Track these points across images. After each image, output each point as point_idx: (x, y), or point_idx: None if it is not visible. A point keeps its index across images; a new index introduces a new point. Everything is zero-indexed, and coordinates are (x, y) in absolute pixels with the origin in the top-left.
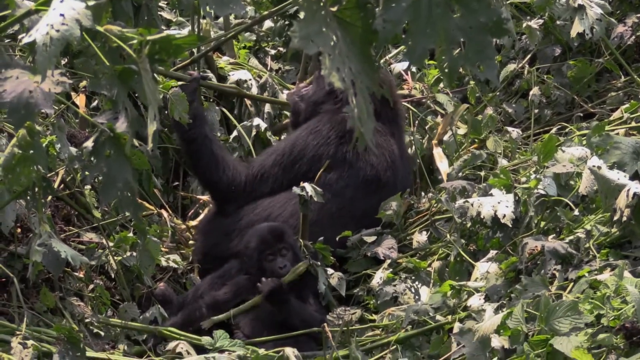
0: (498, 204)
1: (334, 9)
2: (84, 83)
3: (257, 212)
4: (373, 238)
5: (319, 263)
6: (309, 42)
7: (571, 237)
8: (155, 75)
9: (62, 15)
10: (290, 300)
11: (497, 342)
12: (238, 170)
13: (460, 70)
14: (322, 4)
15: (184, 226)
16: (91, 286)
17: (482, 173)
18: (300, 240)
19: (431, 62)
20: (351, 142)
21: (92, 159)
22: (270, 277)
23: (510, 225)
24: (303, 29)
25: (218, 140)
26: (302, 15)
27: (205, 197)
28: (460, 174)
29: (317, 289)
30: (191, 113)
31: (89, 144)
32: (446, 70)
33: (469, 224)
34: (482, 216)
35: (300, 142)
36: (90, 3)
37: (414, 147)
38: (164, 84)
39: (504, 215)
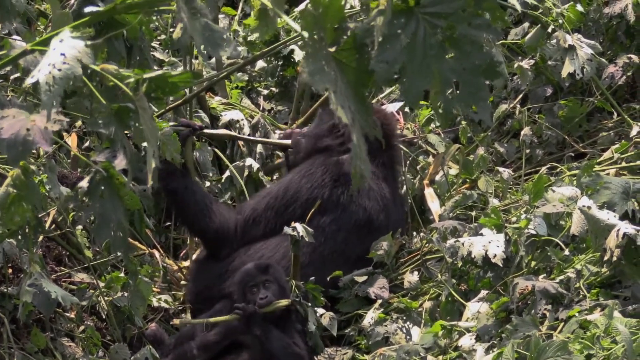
0: (489, 244)
1: (332, 49)
2: (79, 123)
3: (249, 254)
4: (364, 278)
5: (309, 304)
6: (315, 78)
7: (562, 277)
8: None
9: (62, 54)
10: (270, 329)
11: None
12: (225, 216)
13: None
14: (323, 43)
15: (176, 266)
16: (82, 327)
17: (473, 213)
18: (292, 281)
19: (422, 102)
20: (345, 185)
21: (86, 199)
22: None
23: (501, 265)
24: (309, 66)
25: (201, 189)
26: (305, 53)
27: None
28: (451, 214)
29: (303, 329)
30: (166, 168)
31: (84, 184)
32: (440, 111)
33: (460, 264)
34: (473, 256)
35: (293, 185)
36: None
37: (405, 187)
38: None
39: (495, 255)
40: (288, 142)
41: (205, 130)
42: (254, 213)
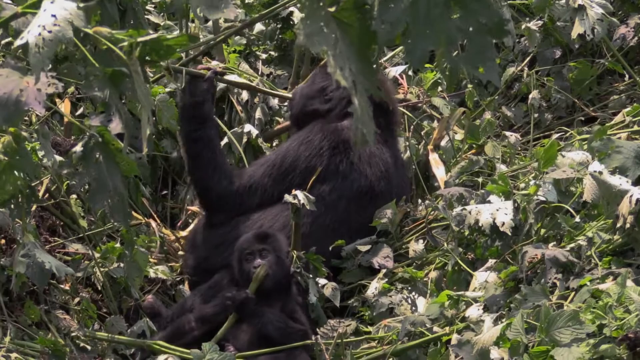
0: (496, 211)
1: (332, 9)
2: (71, 89)
3: (248, 224)
4: (368, 247)
5: (310, 275)
6: (312, 40)
7: (572, 245)
8: (148, 79)
9: (53, 16)
10: (264, 313)
11: (496, 354)
12: (232, 181)
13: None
14: (321, 4)
15: (173, 236)
16: (77, 299)
17: (480, 179)
18: (293, 251)
19: (427, 65)
20: (344, 153)
21: (80, 165)
22: (246, 279)
23: (510, 233)
24: (306, 27)
25: (220, 146)
26: (303, 13)
27: (195, 208)
28: (457, 181)
29: (304, 301)
30: (200, 114)
31: (78, 148)
32: (447, 72)
33: (466, 232)
34: (480, 224)
35: (291, 153)
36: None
37: (409, 153)
38: (152, 90)
39: (503, 223)
40: (289, 95)
41: (225, 77)
42: (251, 180)
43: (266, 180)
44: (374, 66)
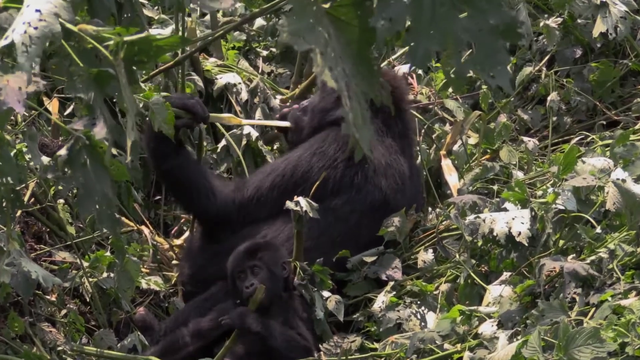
0: (512, 220)
1: (327, 5)
2: (61, 87)
3: (251, 234)
4: (374, 258)
5: (315, 288)
6: (298, 38)
7: (593, 258)
8: (137, 80)
9: (38, 11)
10: (270, 324)
11: None
12: (225, 195)
13: (471, 73)
14: None
15: (166, 245)
16: (64, 311)
17: (495, 187)
18: (295, 262)
19: (438, 64)
20: (360, 164)
21: (66, 169)
22: (241, 298)
23: (526, 244)
24: (292, 24)
25: (198, 167)
26: (291, 8)
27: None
28: (470, 188)
29: (309, 316)
30: (162, 148)
31: (63, 152)
32: (453, 76)
33: (480, 242)
34: (495, 233)
35: (303, 163)
36: None
37: (420, 158)
38: (145, 93)
39: (519, 233)
40: (287, 123)
41: (211, 115)
42: (257, 192)
43: (274, 192)
44: (375, 68)
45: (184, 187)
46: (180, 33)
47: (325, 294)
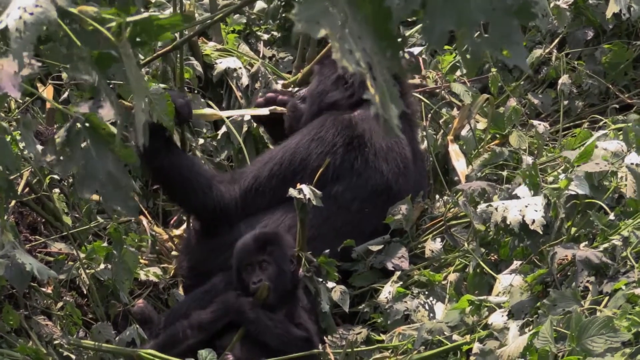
0: (526, 208)
1: None
2: (64, 75)
3: (251, 225)
4: (380, 247)
5: (321, 279)
6: (314, 25)
7: (606, 245)
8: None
9: None
10: (259, 318)
11: None
12: (221, 188)
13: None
14: None
15: (165, 235)
16: (60, 303)
17: (505, 173)
18: (299, 252)
19: (446, 47)
20: (359, 148)
21: (66, 149)
22: (246, 291)
23: (541, 232)
24: (306, 11)
25: (191, 161)
26: None
27: None
28: (479, 174)
29: (311, 305)
30: (150, 146)
31: (61, 133)
32: (468, 56)
33: (492, 232)
34: (508, 222)
35: (301, 150)
36: None
37: (426, 143)
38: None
39: (533, 221)
40: (265, 111)
41: (195, 112)
42: (255, 182)
43: (273, 181)
44: (398, 40)
45: (178, 184)
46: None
47: (330, 284)
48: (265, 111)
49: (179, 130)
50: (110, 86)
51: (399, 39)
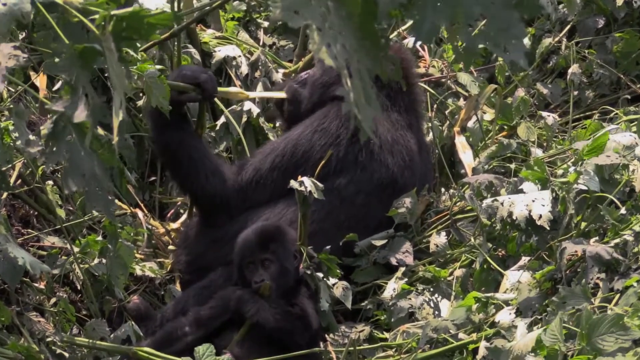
0: (532, 203)
1: None
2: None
3: (252, 219)
4: (384, 242)
5: (321, 275)
6: (292, 14)
7: (617, 240)
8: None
9: None
10: (255, 300)
11: None
12: (225, 176)
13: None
14: None
15: (162, 229)
16: (53, 299)
17: (513, 166)
18: (300, 246)
19: None
20: (365, 141)
21: (51, 143)
22: (245, 285)
23: (548, 227)
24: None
25: (200, 145)
26: None
27: None
28: (486, 167)
29: (312, 297)
30: (163, 118)
31: (47, 124)
32: (462, 52)
33: (498, 226)
34: (514, 217)
35: (304, 141)
36: None
37: (432, 135)
38: (139, 66)
39: (540, 216)
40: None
41: (219, 89)
42: (256, 174)
43: (275, 173)
44: (383, 41)
45: (182, 164)
46: (175, 4)
47: (332, 280)
48: (284, 94)
49: (195, 107)
50: (106, 75)
51: (383, 40)
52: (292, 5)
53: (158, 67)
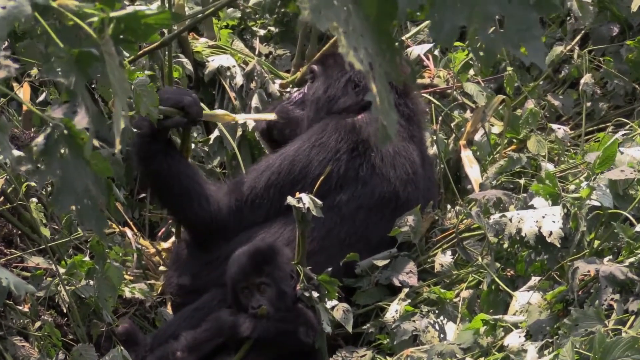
0: (542, 219)
1: None
2: (33, 71)
3: (247, 239)
4: (386, 262)
5: (318, 298)
6: (319, 15)
7: (632, 260)
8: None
9: None
10: (260, 325)
11: None
12: (219, 201)
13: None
14: None
15: (152, 249)
16: (38, 323)
17: (522, 181)
18: (299, 266)
19: (458, 43)
20: (365, 155)
21: (42, 160)
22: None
23: (559, 245)
24: (312, 0)
25: (189, 169)
26: None
27: None
28: (494, 182)
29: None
30: (147, 148)
31: (39, 140)
32: (481, 53)
33: (506, 244)
34: (523, 234)
35: (301, 157)
36: None
37: (436, 149)
38: (128, 74)
39: (551, 233)
40: (273, 115)
41: (205, 112)
42: (251, 193)
43: (271, 191)
44: (396, 44)
45: (174, 192)
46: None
47: (332, 302)
48: (273, 115)
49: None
50: (93, 86)
51: (397, 43)
52: (318, 5)
53: (147, 72)
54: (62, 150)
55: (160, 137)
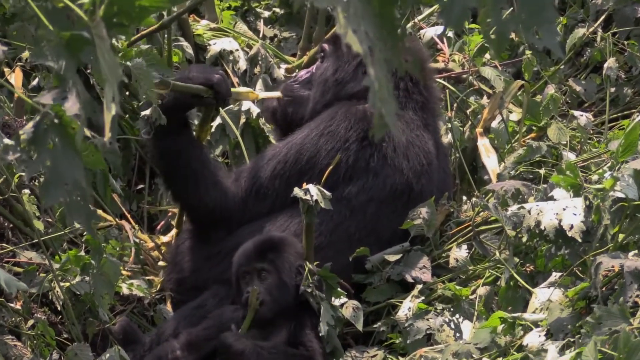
0: (563, 211)
1: None
2: (25, 54)
3: (251, 233)
4: (399, 257)
5: (323, 295)
6: None
7: None
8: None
9: None
10: (244, 349)
11: None
12: (227, 189)
13: (513, 36)
14: None
15: (151, 243)
16: (31, 321)
17: (542, 171)
18: (305, 262)
19: (473, 25)
20: (376, 144)
21: (31, 150)
22: (243, 303)
23: (580, 239)
24: None
25: (202, 153)
26: None
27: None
28: (512, 172)
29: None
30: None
31: (28, 128)
32: (492, 36)
33: (524, 238)
34: (542, 227)
35: (309, 146)
36: None
37: (451, 137)
38: (125, 53)
39: (572, 226)
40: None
41: (233, 90)
42: (256, 184)
43: (277, 182)
44: (399, 31)
45: (181, 173)
46: None
47: (342, 299)
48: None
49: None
50: (88, 71)
51: (400, 30)
52: None
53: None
54: (52, 140)
55: (176, 115)
